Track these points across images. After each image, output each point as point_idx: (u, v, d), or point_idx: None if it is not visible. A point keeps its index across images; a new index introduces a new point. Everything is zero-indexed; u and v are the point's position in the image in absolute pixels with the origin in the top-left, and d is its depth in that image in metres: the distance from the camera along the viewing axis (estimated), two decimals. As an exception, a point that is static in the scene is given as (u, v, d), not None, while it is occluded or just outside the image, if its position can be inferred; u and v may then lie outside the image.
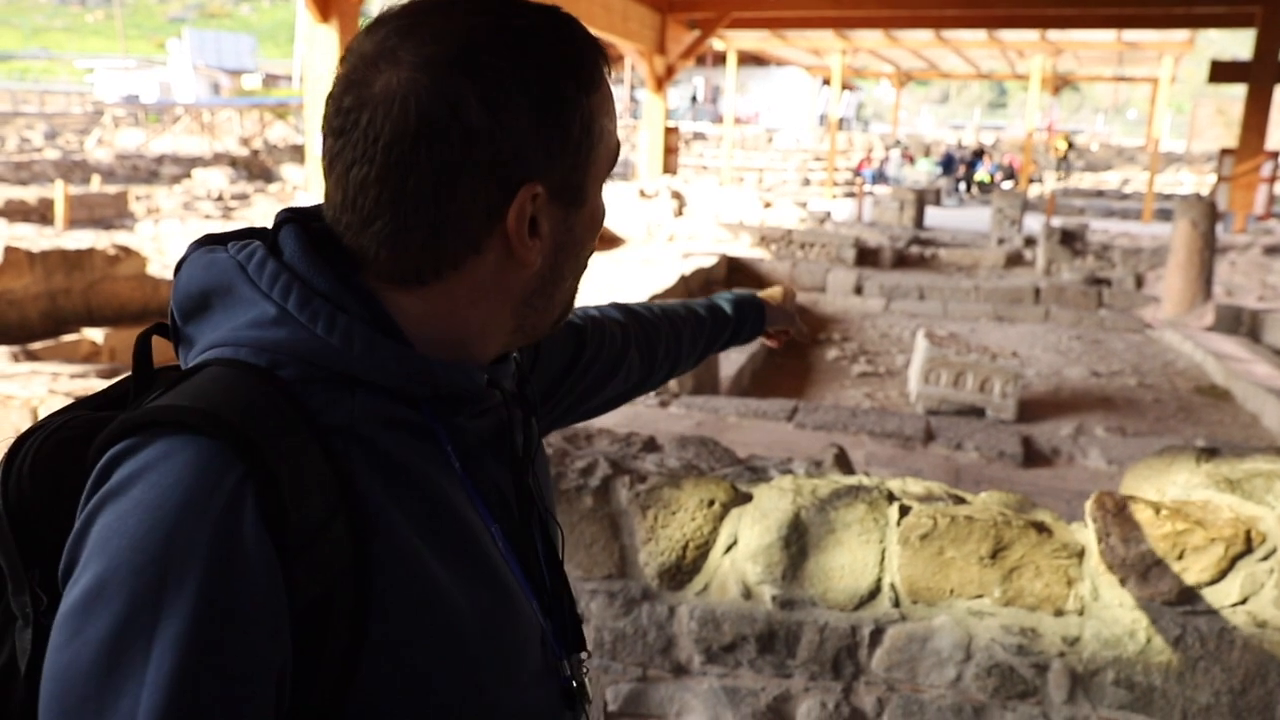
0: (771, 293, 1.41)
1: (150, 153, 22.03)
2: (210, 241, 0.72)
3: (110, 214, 13.99)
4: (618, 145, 0.77)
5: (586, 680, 0.84)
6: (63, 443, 0.64)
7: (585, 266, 0.80)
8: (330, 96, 0.69)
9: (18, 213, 12.46)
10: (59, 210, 12.20)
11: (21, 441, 0.65)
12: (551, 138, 0.69)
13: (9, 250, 7.01)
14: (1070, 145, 28.86)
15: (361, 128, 0.66)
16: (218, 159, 21.37)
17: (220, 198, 15.62)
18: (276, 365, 0.66)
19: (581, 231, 0.76)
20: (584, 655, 0.85)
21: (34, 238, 8.19)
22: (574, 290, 0.81)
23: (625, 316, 1.17)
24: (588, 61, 0.71)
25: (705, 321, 1.28)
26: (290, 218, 0.73)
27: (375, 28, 0.68)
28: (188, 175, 19.44)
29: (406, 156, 0.65)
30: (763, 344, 1.52)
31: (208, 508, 0.58)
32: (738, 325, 1.32)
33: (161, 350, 0.67)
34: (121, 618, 0.56)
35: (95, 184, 16.63)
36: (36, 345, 5.54)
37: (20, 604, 0.62)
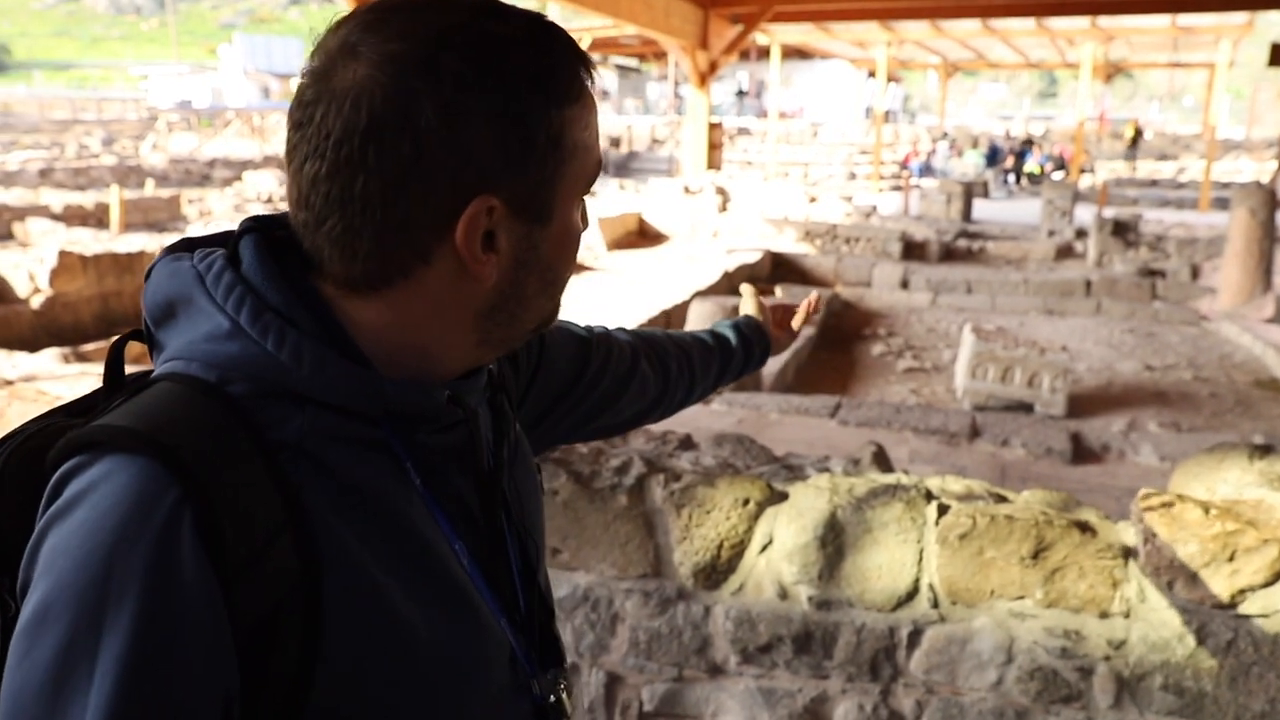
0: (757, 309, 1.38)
1: (202, 157, 22.49)
2: (181, 248, 0.72)
3: (164, 218, 14.31)
4: (597, 162, 0.74)
5: (564, 696, 0.82)
6: (30, 453, 0.64)
7: (561, 284, 0.77)
8: (297, 88, 0.68)
9: (76, 217, 12.79)
10: (114, 214, 12.51)
11: None
12: (512, 150, 0.66)
13: (63, 254, 7.21)
14: (1139, 132, 28.07)
15: (316, 123, 0.64)
16: (267, 161, 21.74)
17: (270, 200, 15.89)
18: (226, 381, 0.65)
19: (549, 250, 0.72)
20: (565, 668, 0.84)
21: (89, 242, 8.41)
22: (549, 309, 0.77)
23: (631, 335, 1.15)
24: (563, 73, 0.69)
25: (714, 350, 1.25)
26: (252, 227, 0.72)
27: (344, 21, 0.67)
28: (239, 178, 19.78)
29: (355, 155, 0.63)
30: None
31: (144, 530, 0.57)
32: (745, 357, 1.30)
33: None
34: (65, 640, 0.56)
35: (149, 188, 17.00)
36: (88, 347, 5.69)
37: None
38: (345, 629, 0.64)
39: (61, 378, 2.95)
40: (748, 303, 1.39)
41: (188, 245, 0.72)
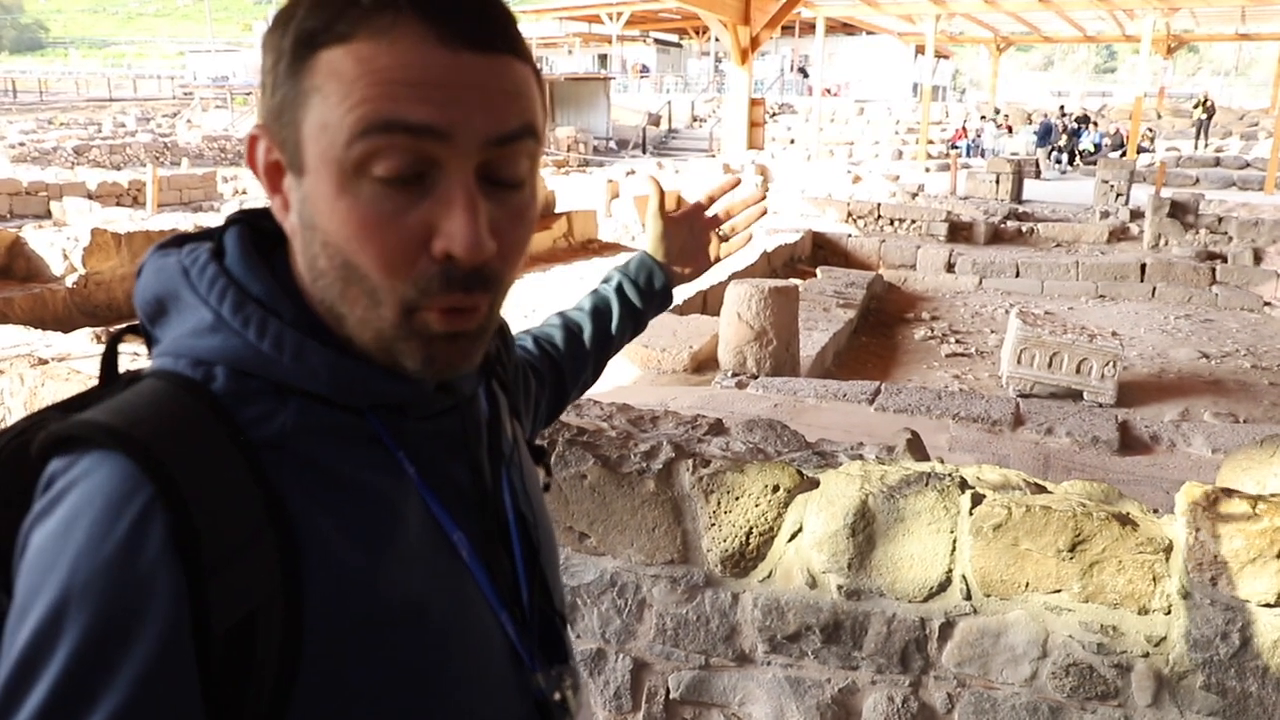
0: (658, 245, 1.24)
1: (237, 134, 22.73)
2: (171, 243, 0.71)
3: (199, 196, 14.50)
4: (358, 126, 0.60)
5: (569, 694, 0.79)
6: (21, 448, 0.63)
7: (364, 280, 0.64)
8: None
9: (111, 195, 13.00)
10: (149, 193, 12.62)
11: None
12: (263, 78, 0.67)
13: (96, 232, 7.32)
14: (1210, 107, 26.71)
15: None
16: (308, 140, 21.91)
17: (311, 178, 16.01)
18: (210, 378, 0.65)
19: (325, 222, 0.63)
20: (570, 666, 0.81)
21: (124, 221, 8.54)
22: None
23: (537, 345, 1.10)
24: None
25: (589, 352, 1.15)
26: (239, 219, 0.72)
27: None
28: (279, 156, 19.97)
29: None
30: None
31: (114, 529, 0.56)
32: (635, 329, 1.21)
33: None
34: (35, 639, 0.55)
35: (184, 166, 17.22)
36: (121, 326, 5.79)
37: None
38: (329, 629, 0.62)
39: (94, 357, 2.99)
40: (651, 223, 1.21)
41: (177, 241, 0.71)
